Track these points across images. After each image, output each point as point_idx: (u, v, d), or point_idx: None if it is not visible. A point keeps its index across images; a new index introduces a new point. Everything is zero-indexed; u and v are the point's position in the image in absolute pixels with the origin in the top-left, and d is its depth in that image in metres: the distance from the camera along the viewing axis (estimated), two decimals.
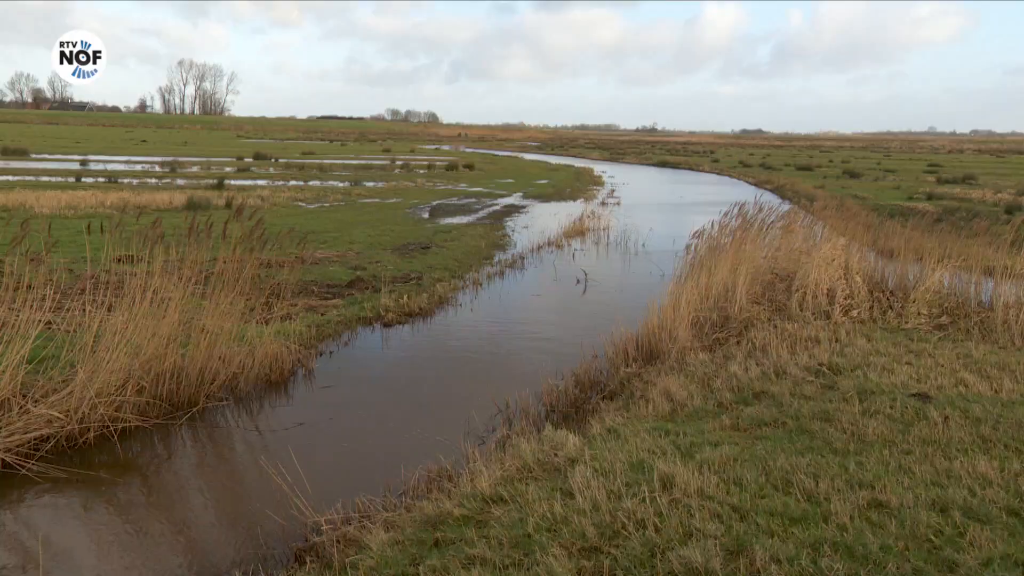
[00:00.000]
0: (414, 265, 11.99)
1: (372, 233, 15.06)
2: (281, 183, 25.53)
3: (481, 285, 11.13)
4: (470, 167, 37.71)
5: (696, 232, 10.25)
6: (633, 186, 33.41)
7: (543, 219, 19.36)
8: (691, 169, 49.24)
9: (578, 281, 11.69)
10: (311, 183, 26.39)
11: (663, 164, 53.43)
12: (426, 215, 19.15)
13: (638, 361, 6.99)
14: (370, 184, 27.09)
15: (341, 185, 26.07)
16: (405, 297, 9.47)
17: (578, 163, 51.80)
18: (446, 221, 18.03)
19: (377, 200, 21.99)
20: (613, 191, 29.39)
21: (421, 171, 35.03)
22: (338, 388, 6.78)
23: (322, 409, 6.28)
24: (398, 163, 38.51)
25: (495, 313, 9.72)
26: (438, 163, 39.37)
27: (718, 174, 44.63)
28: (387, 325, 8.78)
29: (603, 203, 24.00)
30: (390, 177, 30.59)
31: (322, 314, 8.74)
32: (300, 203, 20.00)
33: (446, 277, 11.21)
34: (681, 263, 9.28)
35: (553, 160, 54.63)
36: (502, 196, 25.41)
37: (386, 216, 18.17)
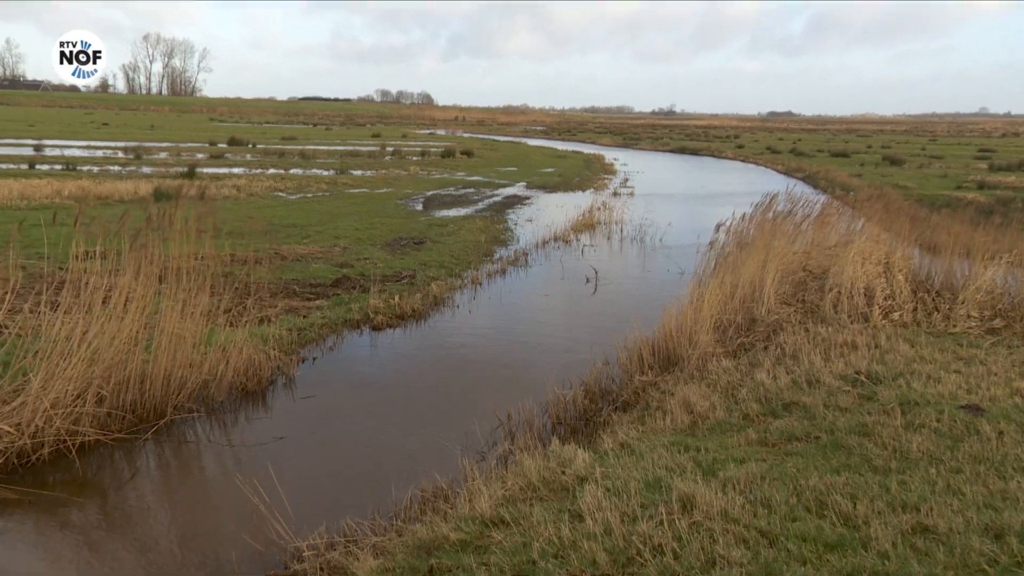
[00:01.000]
0: (406, 262, 11.98)
1: (360, 227, 15.05)
2: (259, 171, 25.52)
3: (480, 284, 11.12)
4: (468, 154, 37.71)
5: (719, 226, 10.22)
6: (649, 174, 33.37)
7: (549, 211, 19.33)
8: (713, 156, 49.16)
9: (588, 280, 11.67)
10: (292, 171, 26.37)
11: (682, 150, 53.39)
12: (420, 207, 19.12)
13: (654, 368, 6.97)
14: (357, 172, 27.07)
15: (325, 174, 26.06)
16: (396, 297, 9.47)
17: (588, 149, 51.78)
18: (442, 213, 18.00)
19: (365, 190, 21.97)
20: (626, 180, 29.38)
21: (414, 158, 35.01)
22: (322, 398, 6.77)
23: (304, 421, 6.26)
24: (389, 149, 38.51)
25: (496, 315, 9.70)
26: (433, 149, 39.37)
27: (743, 161, 44.53)
28: (376, 328, 8.77)
29: (615, 193, 23.98)
30: (380, 165, 30.58)
31: (304, 316, 8.72)
32: (280, 193, 20.01)
33: (442, 275, 11.20)
34: (702, 260, 9.25)
35: (560, 146, 54.65)
36: (504, 186, 25.37)
37: (375, 208, 18.16)
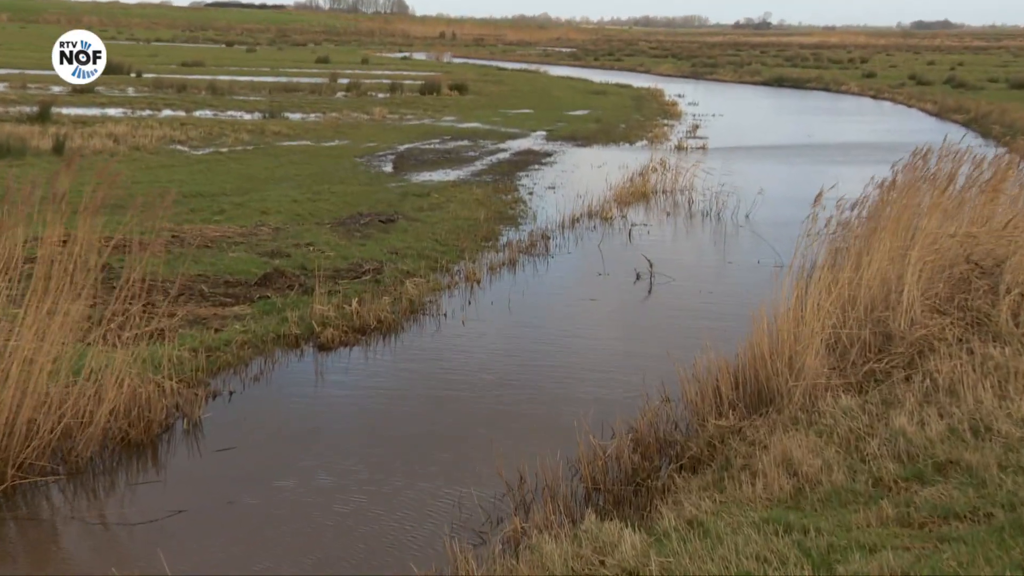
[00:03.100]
0: (369, 249, 12.00)
1: (299, 197, 15.08)
2: (148, 113, 25.61)
3: (479, 282, 11.12)
4: (461, 89, 37.75)
5: (835, 196, 10.14)
6: (729, 119, 33.30)
7: (580, 174, 19.32)
8: (827, 89, 48.96)
9: (638, 276, 11.65)
10: (198, 114, 26.44)
11: (779, 82, 53.29)
12: (389, 168, 19.13)
13: (738, 408, 6.93)
14: (296, 116, 27.15)
15: (248, 118, 26.13)
16: (354, 302, 9.47)
17: (638, 81, 51.74)
18: (422, 177, 18.01)
19: (308, 143, 22.01)
20: (696, 127, 29.33)
21: (380, 95, 35.08)
22: (243, 452, 6.76)
23: (215, 486, 6.26)
24: (342, 82, 38.56)
25: (502, 328, 9.70)
26: (408, 82, 39.44)
27: (874, 98, 44.37)
28: (325, 348, 8.77)
29: (679, 147, 23.97)
30: (329, 105, 30.64)
31: (216, 330, 8.73)
32: (179, 147, 20.07)
33: (421, 269, 11.20)
34: (809, 246, 9.19)
35: (597, 77, 54.64)
36: (513, 136, 25.40)
37: (323, 168, 18.19)
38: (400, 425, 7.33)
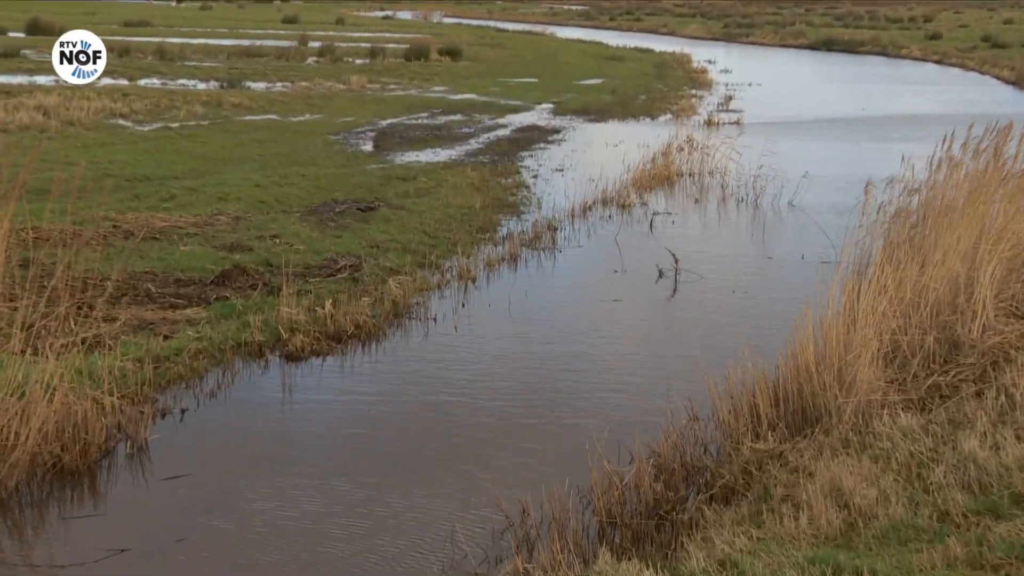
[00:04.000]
0: (345, 242, 11.98)
1: (264, 181, 15.06)
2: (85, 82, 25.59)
3: (474, 281, 11.10)
4: (453, 54, 37.75)
5: (892, 180, 10.13)
6: (768, 88, 33.26)
7: (593, 154, 19.30)
8: (884, 54, 48.93)
9: (661, 273, 11.63)
10: (143, 83, 26.47)
11: (827, 45, 53.25)
12: (368, 147, 19.12)
13: (778, 429, 6.92)
14: (259, 86, 27.15)
15: (203, 87, 26.16)
16: (328, 304, 9.45)
17: (661, 45, 51.73)
18: (407, 158, 18.00)
19: (273, 117, 22.02)
20: (729, 99, 29.33)
21: (358, 61, 35.10)
22: (198, 479, 6.74)
23: (164, 521, 6.24)
24: (313, 45, 38.60)
25: (501, 334, 9.68)
26: (391, 46, 39.43)
27: (938, 63, 44.31)
28: (293, 358, 8.76)
29: (709, 122, 23.97)
30: (298, 72, 30.65)
31: (166, 336, 8.71)
32: (122, 122, 20.08)
33: (407, 266, 11.20)
34: (862, 239, 9.18)
35: (613, 40, 54.65)
36: (515, 110, 25.42)
37: (291, 148, 18.17)
38: (382, 448, 7.30)
